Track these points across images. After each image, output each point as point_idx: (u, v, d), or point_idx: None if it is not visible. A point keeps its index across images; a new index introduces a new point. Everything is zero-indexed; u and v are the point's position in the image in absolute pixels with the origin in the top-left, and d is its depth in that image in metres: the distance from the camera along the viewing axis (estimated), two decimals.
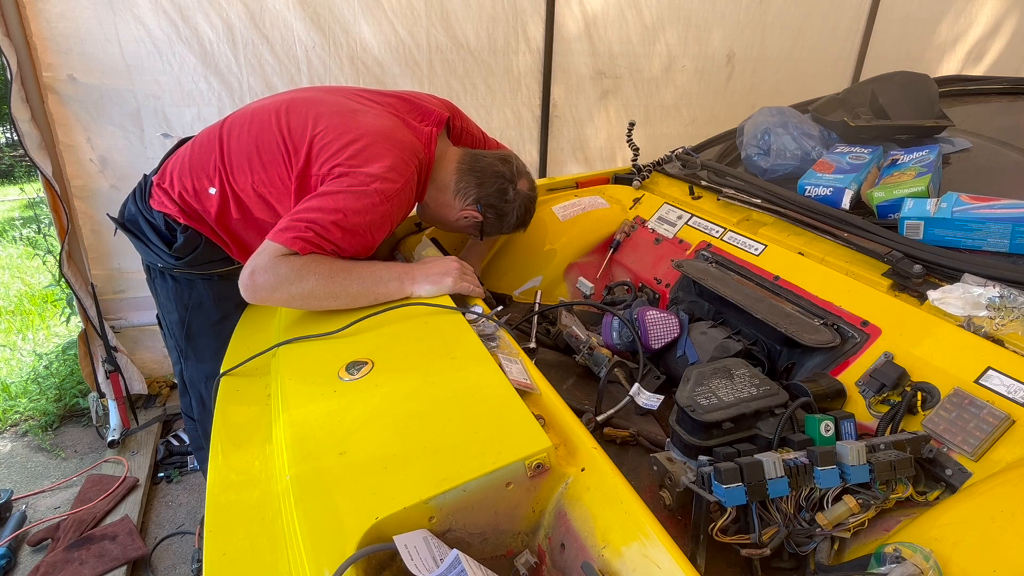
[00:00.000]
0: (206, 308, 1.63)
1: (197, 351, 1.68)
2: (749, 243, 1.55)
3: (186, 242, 1.53)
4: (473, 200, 1.58)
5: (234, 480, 1.02)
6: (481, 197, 1.58)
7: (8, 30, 2.10)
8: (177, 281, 1.62)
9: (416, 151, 1.47)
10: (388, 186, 1.35)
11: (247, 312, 1.63)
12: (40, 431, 2.66)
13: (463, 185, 1.57)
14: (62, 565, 1.92)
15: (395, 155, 1.39)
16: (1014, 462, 0.90)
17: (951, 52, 4.24)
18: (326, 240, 1.31)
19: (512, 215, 1.63)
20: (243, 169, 1.46)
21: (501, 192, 1.59)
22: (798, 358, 1.27)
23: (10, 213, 6.20)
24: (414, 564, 0.72)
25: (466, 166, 1.58)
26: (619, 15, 3.16)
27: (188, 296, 1.63)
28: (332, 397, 1.06)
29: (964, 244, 1.26)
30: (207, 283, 1.62)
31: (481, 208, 1.59)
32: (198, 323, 1.65)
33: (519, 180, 1.62)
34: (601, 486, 0.85)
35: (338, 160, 1.37)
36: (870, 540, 0.90)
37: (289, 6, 2.51)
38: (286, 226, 1.30)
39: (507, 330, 1.27)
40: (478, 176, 1.58)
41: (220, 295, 1.63)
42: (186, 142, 1.62)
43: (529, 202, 1.66)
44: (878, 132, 1.77)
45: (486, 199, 1.58)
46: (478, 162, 1.60)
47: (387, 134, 1.43)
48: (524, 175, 1.65)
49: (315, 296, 1.30)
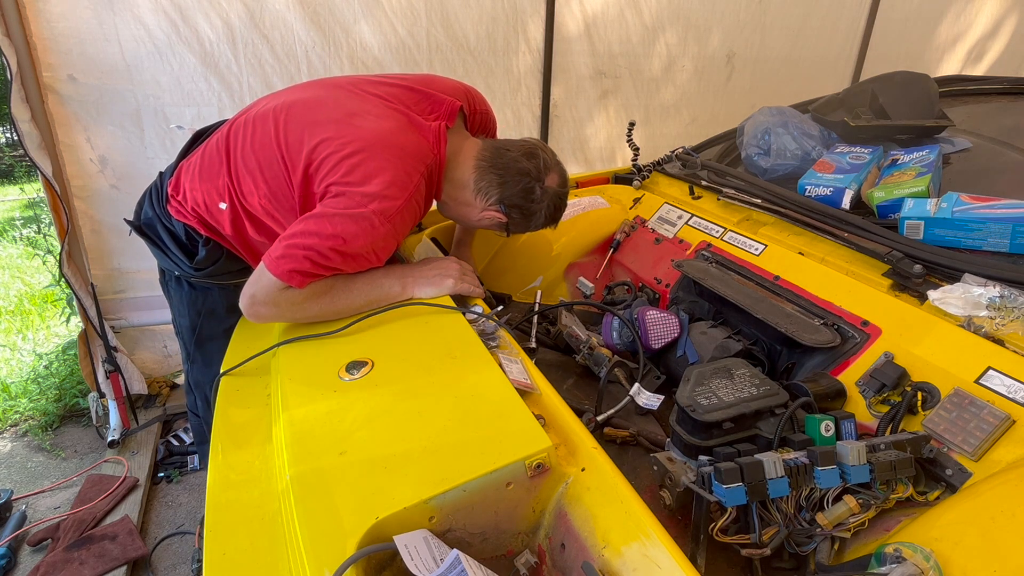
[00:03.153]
0: (218, 315, 1.62)
1: (205, 355, 1.67)
2: (749, 243, 1.55)
3: (208, 255, 1.50)
4: (496, 200, 1.45)
5: (234, 480, 1.02)
6: (505, 197, 1.45)
7: (8, 30, 2.10)
8: (193, 288, 1.60)
9: (422, 156, 1.37)
10: (388, 204, 1.27)
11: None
12: (40, 431, 2.66)
13: (484, 184, 1.45)
14: (62, 565, 1.92)
15: (396, 167, 1.30)
16: (1014, 462, 0.90)
17: (951, 52, 4.24)
18: (325, 268, 1.27)
19: (540, 214, 1.50)
20: (249, 186, 1.41)
21: (527, 192, 1.45)
22: (798, 358, 1.27)
23: (10, 213, 6.19)
24: (414, 564, 0.72)
25: (487, 163, 1.45)
26: (619, 15, 3.16)
27: (202, 303, 1.61)
28: (332, 397, 1.06)
29: (964, 244, 1.26)
30: (222, 291, 1.60)
31: (505, 208, 1.46)
32: (209, 329, 1.64)
33: (547, 176, 1.48)
34: (601, 486, 0.85)
35: (334, 178, 1.29)
36: (870, 540, 0.90)
37: (289, 6, 2.51)
38: (282, 253, 1.25)
39: (507, 330, 1.27)
40: (500, 174, 1.44)
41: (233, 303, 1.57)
42: (200, 136, 1.59)
43: (559, 199, 1.51)
44: (878, 132, 1.77)
45: (510, 199, 1.45)
46: (500, 158, 1.45)
47: (388, 142, 1.33)
48: (553, 169, 1.50)
49: (320, 317, 1.32)
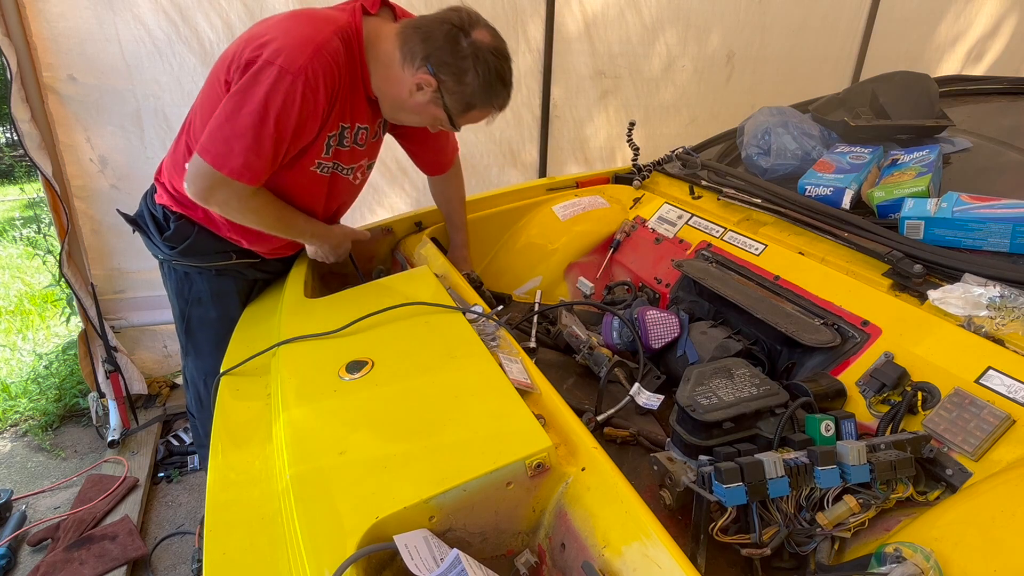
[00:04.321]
0: (204, 304, 1.65)
1: (196, 346, 1.70)
2: (749, 243, 1.55)
3: (176, 231, 1.54)
4: (422, 59, 1.35)
5: (234, 480, 1.02)
6: (430, 53, 1.34)
7: (8, 30, 2.10)
8: (177, 274, 1.64)
9: (332, 18, 1.35)
10: (294, 56, 1.25)
11: (247, 311, 1.63)
12: (40, 431, 2.66)
13: (408, 48, 1.37)
14: (62, 565, 1.92)
15: (302, 26, 1.31)
16: (1014, 462, 0.90)
17: (951, 52, 4.24)
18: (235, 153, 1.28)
19: (473, 73, 1.36)
20: (198, 128, 1.41)
21: (452, 41, 1.34)
22: (798, 358, 1.27)
23: (10, 213, 6.20)
24: (414, 564, 0.72)
25: (408, 28, 1.38)
26: (619, 15, 3.16)
27: (188, 291, 1.65)
28: (332, 397, 1.06)
29: (964, 244, 1.26)
30: (204, 278, 1.63)
31: (432, 69, 1.35)
32: (197, 318, 1.66)
33: (474, 30, 1.36)
34: (601, 486, 0.85)
35: (240, 60, 1.30)
36: (870, 540, 0.90)
37: (289, 6, 2.51)
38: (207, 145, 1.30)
39: (507, 330, 1.27)
40: (422, 31, 1.36)
41: (217, 291, 1.64)
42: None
43: (494, 56, 1.37)
44: (878, 132, 1.77)
45: (436, 55, 1.34)
46: (422, 19, 1.39)
47: (292, 16, 1.35)
48: (482, 26, 1.38)
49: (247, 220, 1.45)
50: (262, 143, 1.29)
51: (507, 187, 2.13)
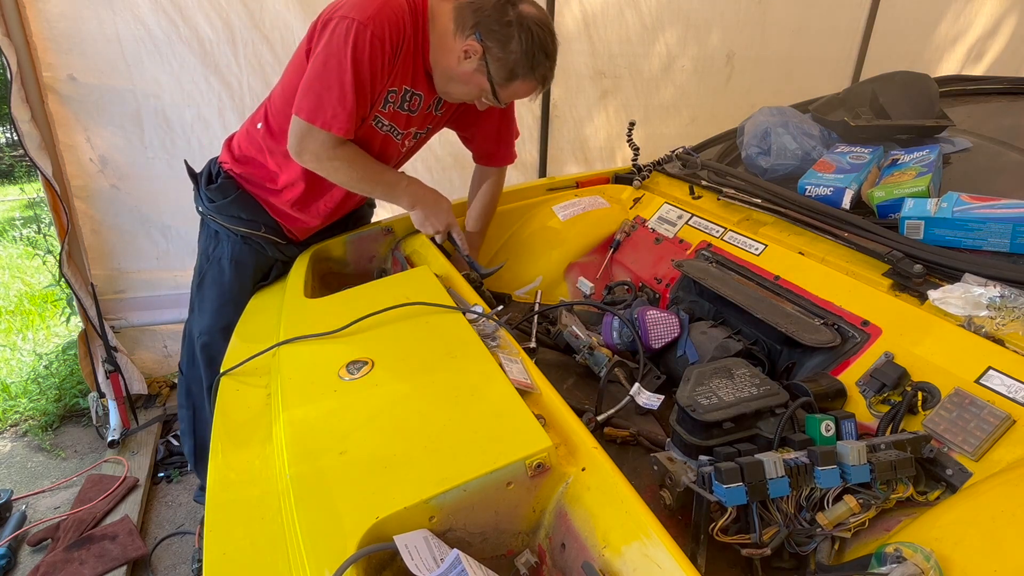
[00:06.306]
0: (222, 264, 1.72)
1: (201, 302, 1.76)
2: (749, 243, 1.55)
3: (220, 187, 1.68)
4: (472, 26, 1.45)
5: (234, 479, 1.02)
6: (480, 21, 1.44)
7: (8, 30, 2.10)
8: (209, 230, 1.75)
9: None
10: (358, 11, 1.37)
11: (247, 310, 1.63)
12: (40, 431, 2.66)
13: (460, 19, 1.47)
14: (62, 565, 1.92)
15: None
16: (1015, 462, 0.90)
17: (951, 52, 4.24)
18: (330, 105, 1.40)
19: (518, 41, 1.44)
20: (277, 91, 1.59)
21: (500, 9, 1.43)
22: (798, 358, 1.27)
23: (10, 213, 6.20)
24: (414, 564, 0.72)
25: (465, 2, 1.48)
26: (619, 15, 3.16)
27: (213, 249, 1.74)
28: (332, 397, 1.06)
29: (964, 244, 1.26)
30: (230, 241, 1.71)
31: (480, 36, 1.44)
32: (212, 276, 1.74)
33: (521, 3, 1.46)
34: (601, 486, 0.85)
35: (316, 26, 1.45)
36: (871, 540, 0.90)
37: (289, 6, 2.51)
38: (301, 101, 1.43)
39: (507, 330, 1.27)
40: (476, 4, 1.46)
41: (238, 258, 1.71)
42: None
43: (538, 27, 1.46)
44: (878, 132, 1.77)
45: (485, 23, 1.44)
46: None
47: None
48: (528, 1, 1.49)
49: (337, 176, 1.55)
50: (345, 92, 1.40)
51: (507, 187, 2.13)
